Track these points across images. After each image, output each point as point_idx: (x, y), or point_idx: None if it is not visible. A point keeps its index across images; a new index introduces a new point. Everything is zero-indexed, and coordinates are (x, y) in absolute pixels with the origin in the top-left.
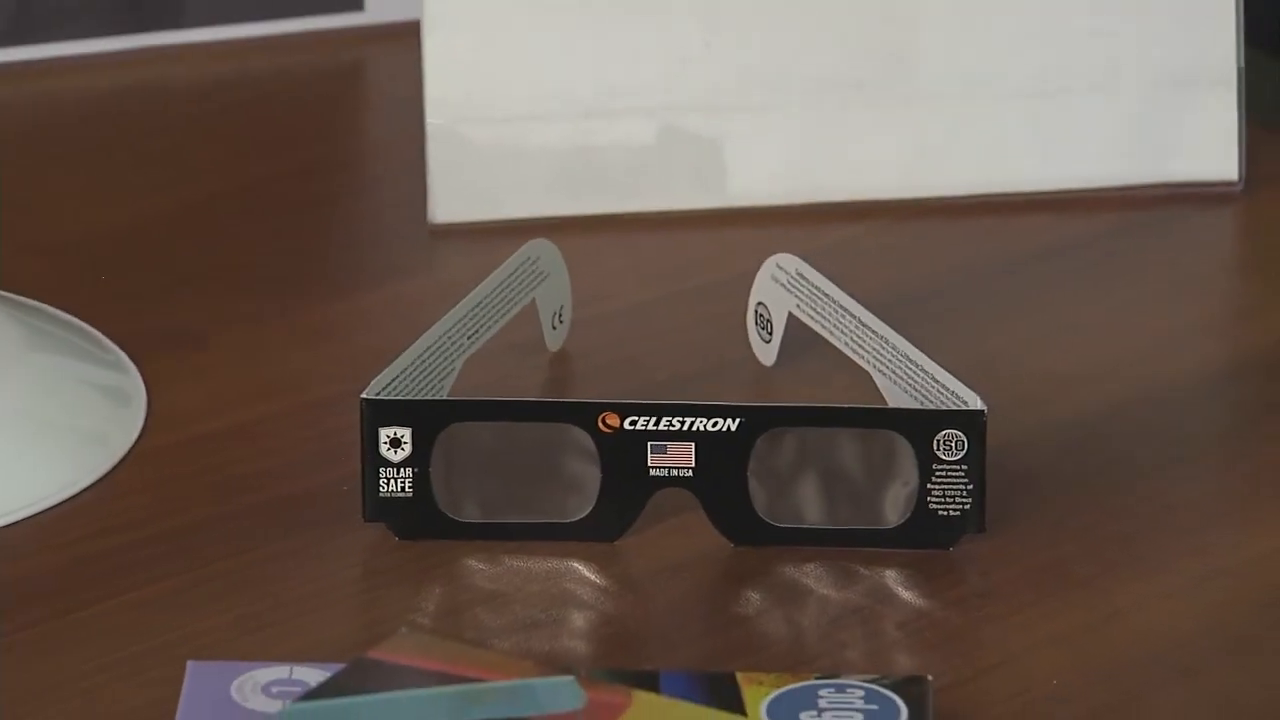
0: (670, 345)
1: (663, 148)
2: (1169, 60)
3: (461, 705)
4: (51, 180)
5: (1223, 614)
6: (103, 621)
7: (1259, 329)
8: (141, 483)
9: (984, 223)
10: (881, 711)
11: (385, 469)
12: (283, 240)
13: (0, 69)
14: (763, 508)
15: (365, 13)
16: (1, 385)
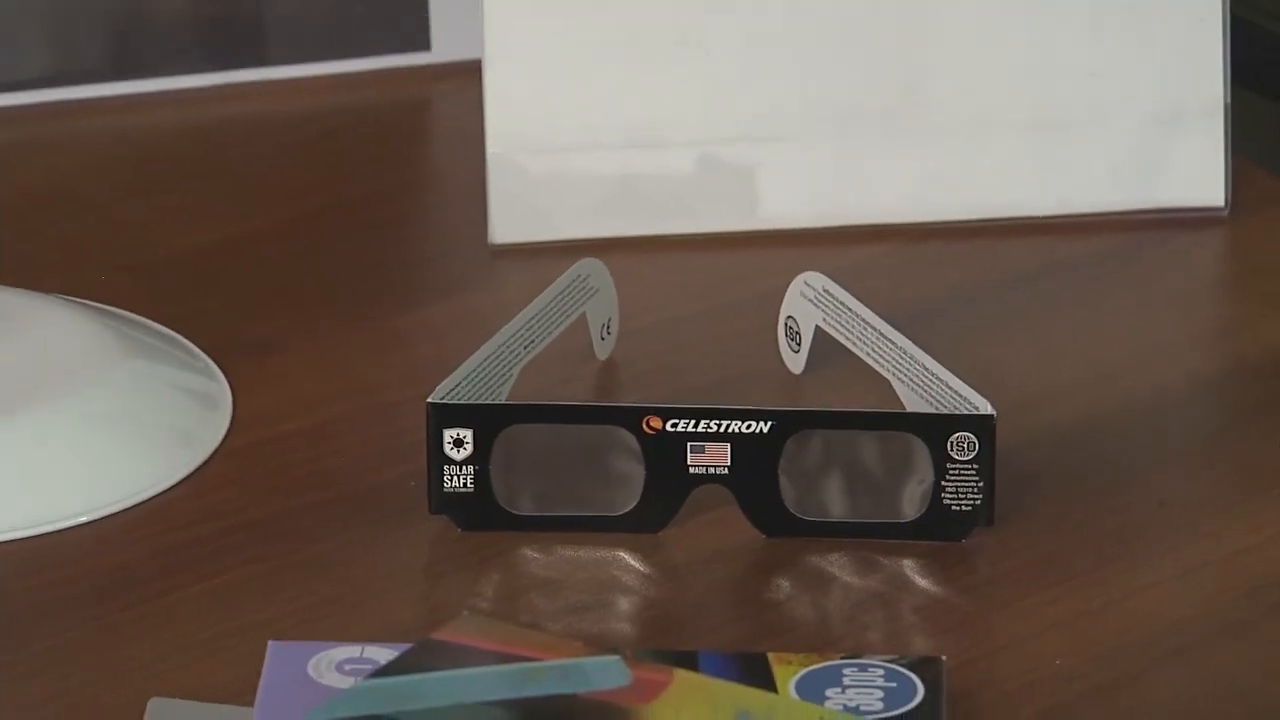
0: (708, 354)
1: (701, 175)
2: (1161, 96)
3: (517, 682)
4: (147, 204)
5: (1211, 601)
6: (192, 604)
7: (1241, 342)
8: (227, 478)
9: (991, 244)
10: (900, 689)
11: (449, 466)
12: (356, 258)
13: (102, 103)
14: (792, 503)
15: (432, 52)
16: (102, 389)
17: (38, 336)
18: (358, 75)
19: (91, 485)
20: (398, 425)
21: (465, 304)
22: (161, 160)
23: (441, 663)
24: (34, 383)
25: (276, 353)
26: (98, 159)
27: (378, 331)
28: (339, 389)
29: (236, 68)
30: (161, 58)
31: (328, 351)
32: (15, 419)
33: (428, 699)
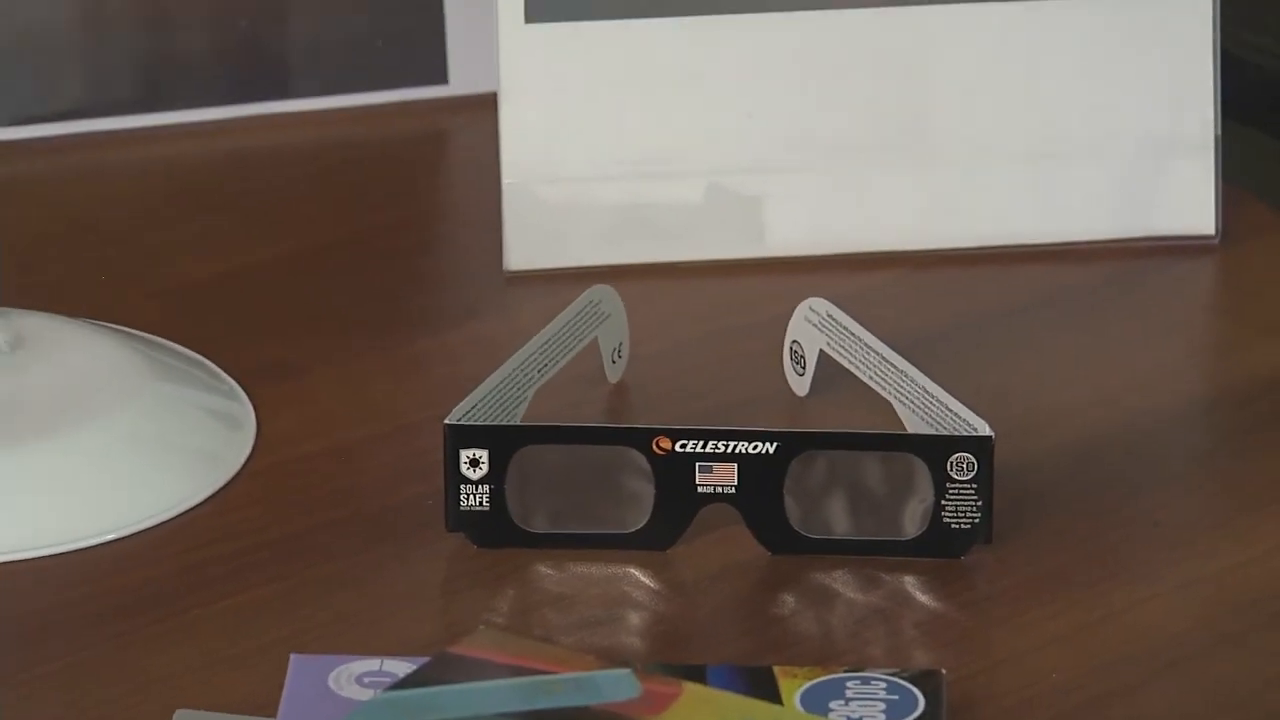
0: (715, 378)
1: (709, 205)
2: (1154, 128)
3: (531, 695)
4: (174, 232)
5: (1204, 615)
6: (217, 619)
7: (1234, 365)
8: (251, 497)
9: (990, 271)
10: (901, 702)
11: (465, 485)
12: (376, 285)
13: (131, 134)
14: (797, 521)
15: (449, 86)
16: (129, 411)
17: (68, 360)
18: (377, 107)
19: (119, 504)
20: (416, 446)
21: (481, 329)
22: (187, 189)
23: (458, 676)
24: (64, 405)
25: (298, 376)
26: (126, 188)
27: (396, 355)
28: (359, 411)
29: (259, 100)
30: (187, 91)
31: (348, 375)
32: (46, 440)
33: (445, 711)
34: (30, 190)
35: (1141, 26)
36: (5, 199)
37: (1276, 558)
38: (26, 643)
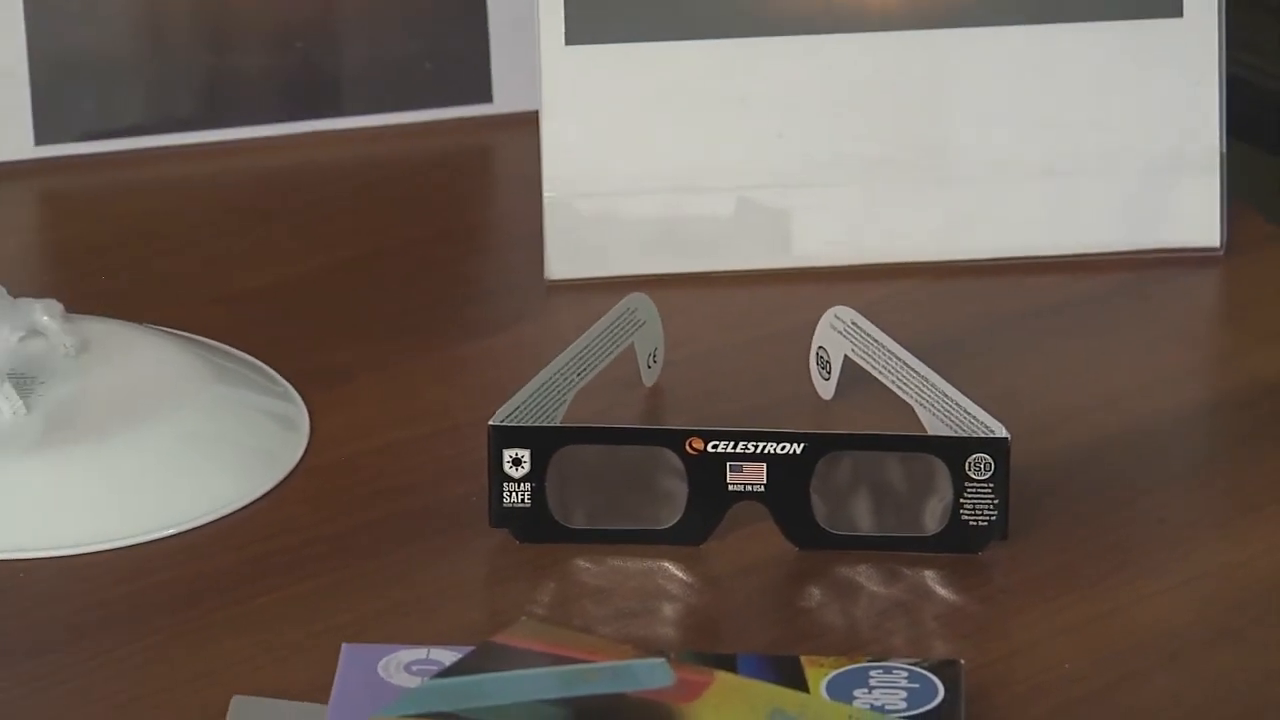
0: (745, 382)
1: (740, 218)
2: (1162, 147)
3: (570, 682)
4: (233, 242)
5: (1206, 609)
6: (273, 610)
7: (1236, 370)
8: (305, 494)
9: (1006, 281)
10: (922, 690)
11: (508, 484)
12: (424, 293)
13: (193, 149)
14: (823, 518)
15: (493, 104)
16: (190, 412)
17: (134, 364)
18: (425, 124)
19: (180, 500)
20: (462, 446)
21: (523, 335)
22: (246, 202)
23: (501, 664)
24: (130, 406)
25: (350, 379)
26: (189, 200)
27: (443, 360)
28: (408, 412)
29: (314, 118)
30: (245, 108)
31: (397, 378)
32: (113, 439)
33: (488, 698)
34: (96, 203)
35: (1151, 50)
36: (73, 211)
37: (1276, 555)
38: (94, 631)
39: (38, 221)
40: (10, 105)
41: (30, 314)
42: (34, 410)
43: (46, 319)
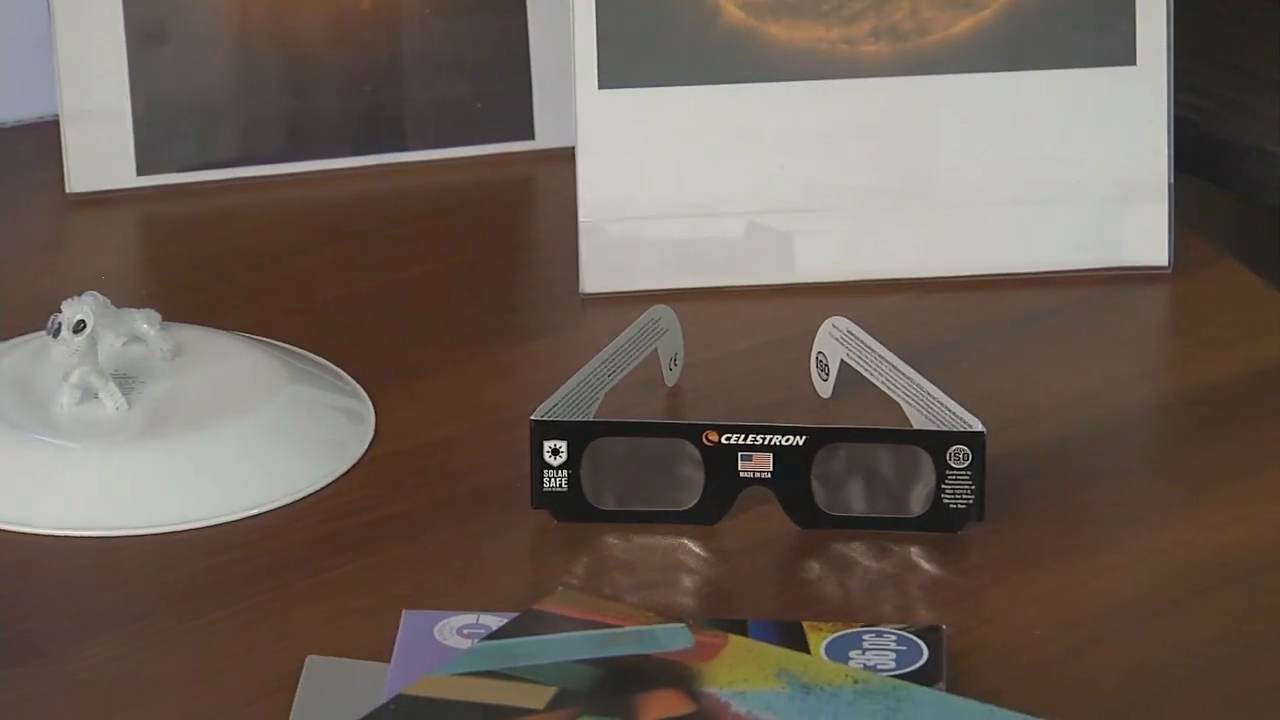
0: (755, 382)
1: (750, 239)
2: (1119, 178)
3: (601, 645)
4: (310, 260)
5: (1156, 581)
6: (341, 581)
7: (1183, 374)
8: (370, 480)
9: (981, 295)
10: (909, 652)
11: (548, 470)
12: (475, 304)
13: (275, 179)
14: (822, 501)
15: (535, 141)
16: (270, 408)
17: (223, 366)
18: (476, 158)
19: (261, 484)
20: (508, 437)
21: (561, 341)
22: (322, 225)
23: (541, 628)
24: (218, 403)
25: (410, 379)
26: (273, 223)
27: (491, 362)
28: (460, 408)
29: (381, 152)
30: (322, 143)
31: (452, 378)
32: (203, 432)
33: (530, 658)
34: (193, 225)
35: (1108, 94)
36: (169, 233)
37: (1217, 533)
38: (186, 599)
39: (139, 242)
40: (116, 141)
41: (132, 322)
42: (135, 406)
43: (146, 327)
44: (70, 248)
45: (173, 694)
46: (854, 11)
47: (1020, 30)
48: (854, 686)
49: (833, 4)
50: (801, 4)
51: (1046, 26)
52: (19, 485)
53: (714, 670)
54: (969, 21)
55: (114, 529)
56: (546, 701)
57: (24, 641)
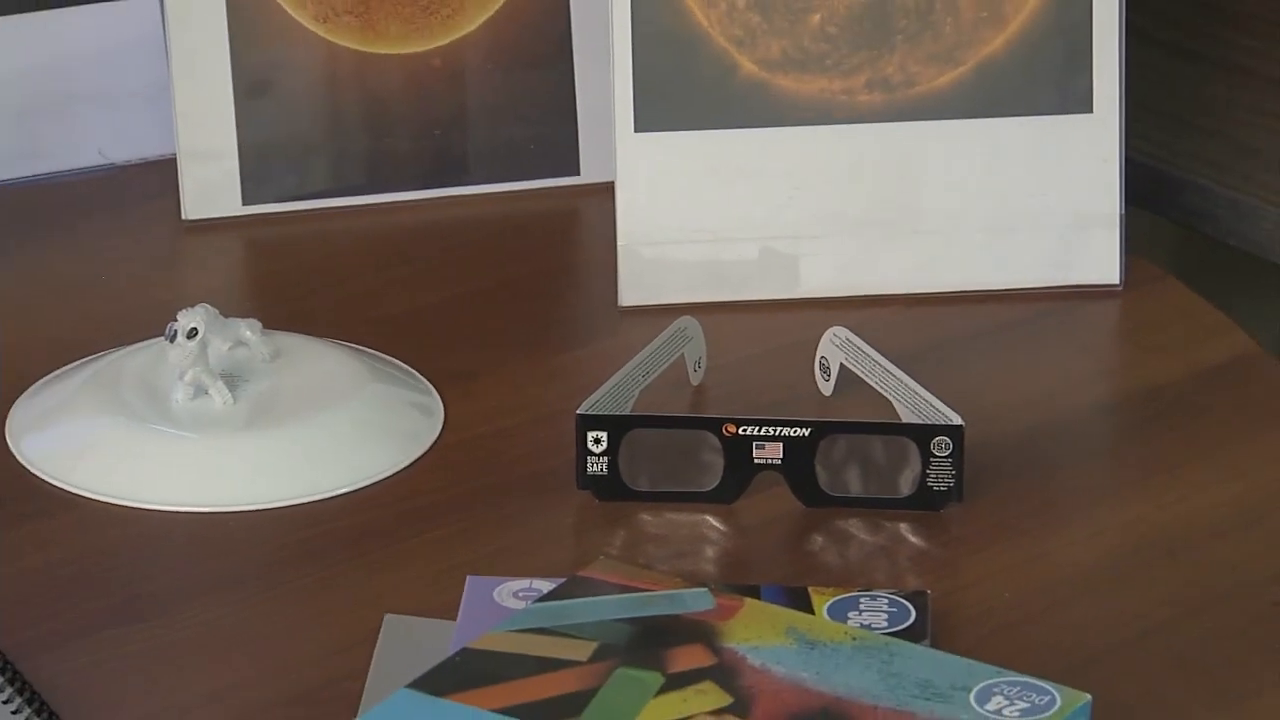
0: (767, 382)
1: (762, 260)
2: (1077, 209)
3: (636, 606)
4: (386, 277)
5: (1110, 553)
6: (415, 551)
7: (1132, 376)
8: (439, 465)
9: (959, 308)
10: (899, 613)
11: (590, 457)
12: (528, 315)
13: (358, 208)
14: (824, 484)
15: (580, 176)
16: (354, 403)
17: (314, 367)
18: (529, 191)
19: (346, 468)
20: (557, 429)
21: (601, 347)
22: (397, 247)
23: (584, 592)
24: (310, 399)
25: (474, 379)
26: (355, 246)
27: (542, 365)
28: (516, 404)
29: (447, 186)
30: (398, 178)
31: (509, 378)
32: (298, 422)
33: (575, 618)
34: (288, 247)
35: (1069, 137)
36: (269, 254)
37: (1162, 512)
38: (281, 566)
39: (243, 261)
40: (225, 176)
41: (237, 329)
42: (239, 402)
43: (249, 333)
44: (185, 266)
45: (270, 647)
46: (851, 66)
47: (993, 83)
48: (852, 643)
49: (833, 60)
50: (807, 60)
51: (1015, 80)
52: (141, 468)
53: (732, 628)
54: (949, 75)
55: (220, 506)
56: (589, 655)
57: (144, 601)
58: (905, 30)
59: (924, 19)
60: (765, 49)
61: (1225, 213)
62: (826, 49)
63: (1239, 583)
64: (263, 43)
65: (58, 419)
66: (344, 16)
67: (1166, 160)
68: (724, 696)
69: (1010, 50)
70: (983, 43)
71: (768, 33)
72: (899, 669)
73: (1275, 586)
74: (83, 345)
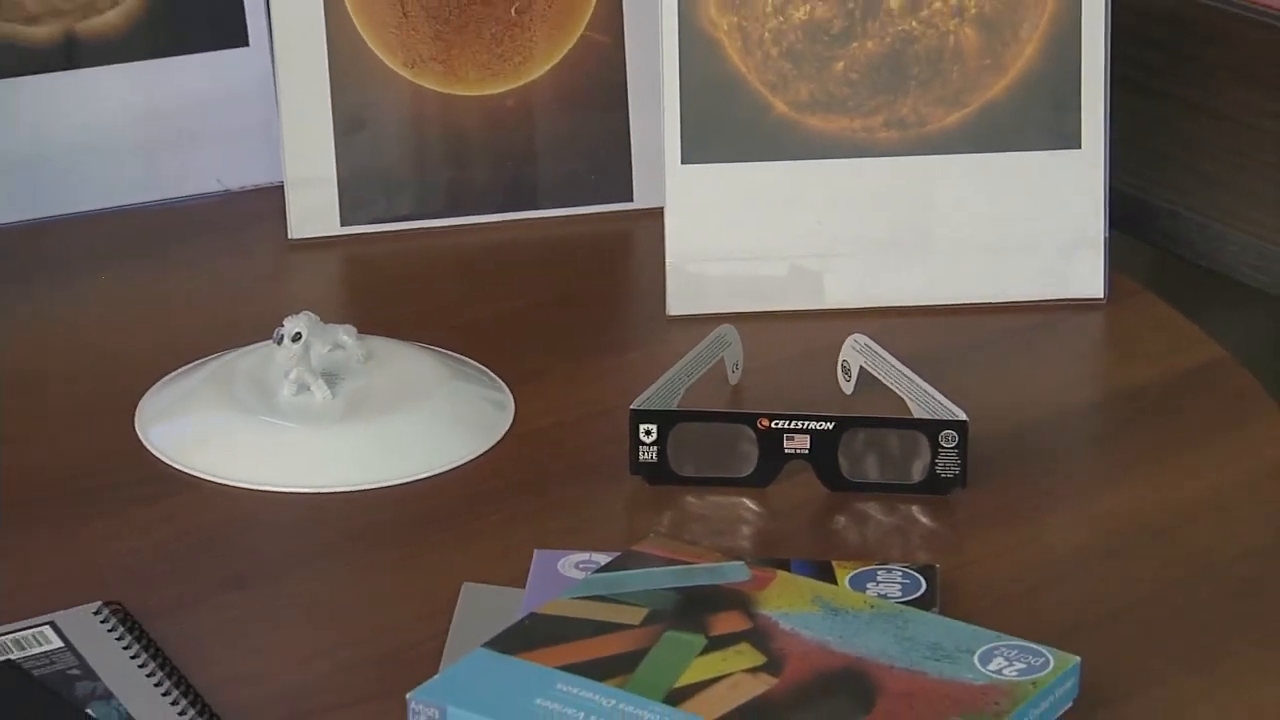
0: (796, 382)
1: (792, 276)
2: (1068, 232)
3: (681, 577)
4: (465, 289)
5: (1097, 534)
6: (490, 528)
7: (1115, 378)
8: (510, 453)
9: (965, 319)
10: (911, 584)
11: (641, 447)
12: (587, 322)
13: (440, 230)
14: (847, 471)
15: (633, 202)
16: (437, 398)
17: (401, 367)
18: (589, 215)
19: (429, 455)
20: (612, 422)
21: (652, 351)
22: (474, 263)
23: (637, 564)
24: (398, 395)
25: (540, 378)
26: (437, 261)
27: (600, 366)
28: (577, 400)
29: (518, 210)
30: (476, 203)
31: (571, 377)
32: (388, 415)
33: (629, 586)
34: (380, 263)
35: (1060, 169)
36: (366, 268)
37: (1142, 500)
38: (372, 541)
39: (341, 275)
40: (325, 200)
41: (335, 334)
42: (337, 397)
43: (346, 337)
44: (290, 279)
45: (361, 612)
46: (871, 108)
47: (994, 122)
48: (870, 610)
49: (855, 102)
50: (831, 102)
51: (1013, 120)
52: (251, 455)
53: (766, 597)
54: (956, 115)
55: (319, 488)
56: (641, 619)
57: (252, 571)
58: (918, 77)
59: (934, 67)
60: (796, 92)
61: (1196, 237)
62: (849, 93)
63: (1211, 561)
64: (359, 86)
65: (180, 411)
66: (429, 63)
67: (1145, 191)
68: (759, 656)
69: (1009, 94)
70: (985, 88)
71: (798, 78)
72: (911, 633)
73: (1243, 564)
74: (201, 348)
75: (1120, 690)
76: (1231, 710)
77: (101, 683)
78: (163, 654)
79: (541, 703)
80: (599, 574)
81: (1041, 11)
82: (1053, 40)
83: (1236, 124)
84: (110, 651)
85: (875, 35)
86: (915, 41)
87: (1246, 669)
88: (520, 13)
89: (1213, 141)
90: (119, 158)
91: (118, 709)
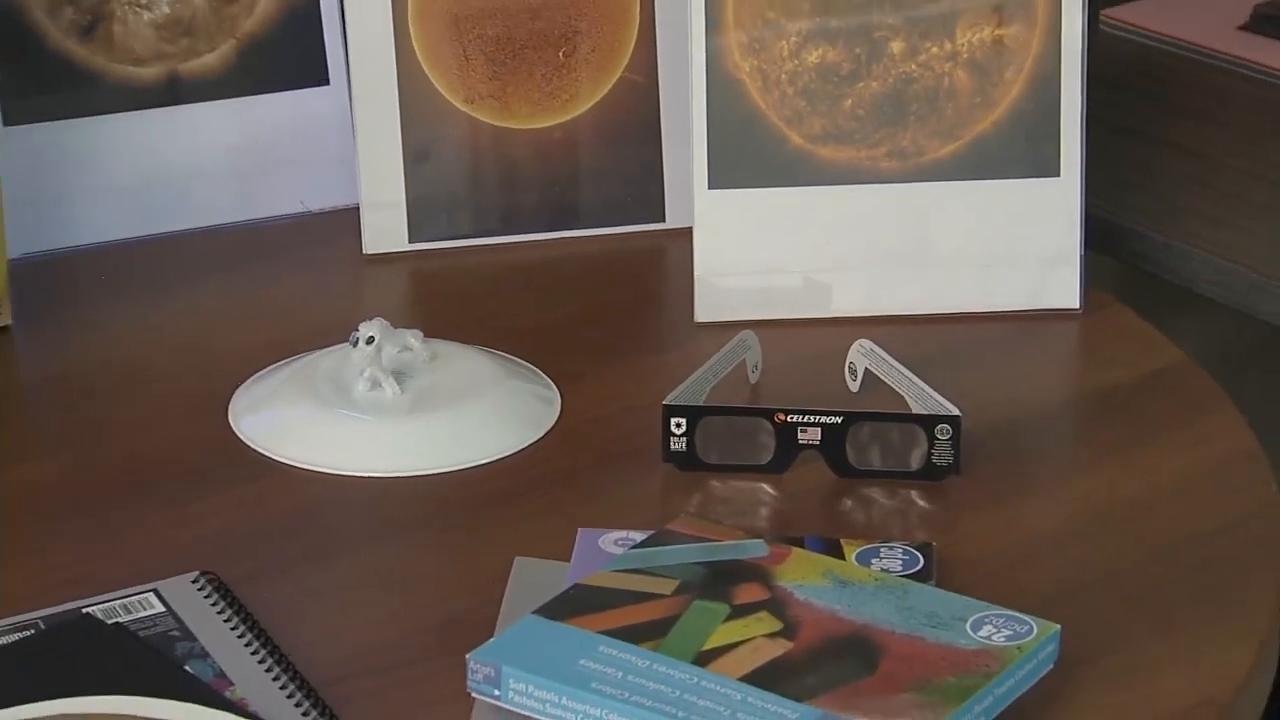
0: (809, 381)
1: (806, 288)
2: (1048, 250)
3: (708, 552)
4: (518, 299)
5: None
6: (539, 510)
7: (1089, 380)
8: (557, 444)
9: (956, 326)
10: (911, 559)
11: (672, 437)
12: (624, 328)
13: (497, 246)
14: (853, 459)
15: (666, 223)
16: (492, 395)
17: (462, 366)
18: (625, 234)
19: (485, 444)
20: (647, 416)
21: (682, 353)
22: (526, 276)
23: (670, 541)
24: (460, 391)
25: (583, 378)
26: (493, 274)
27: (636, 367)
28: (617, 397)
29: (563, 229)
30: (526, 223)
31: (611, 377)
32: (450, 410)
33: (662, 560)
34: (443, 275)
35: (1041, 195)
36: (431, 279)
37: (1113, 487)
38: (436, 520)
39: (408, 286)
40: (395, 220)
41: (403, 338)
42: (405, 393)
43: (413, 341)
44: (364, 290)
45: (425, 582)
46: (875, 140)
47: (984, 153)
48: (875, 583)
49: (862, 134)
50: (840, 134)
51: (1001, 151)
52: (330, 443)
53: (783, 570)
54: (951, 147)
55: (389, 473)
56: (672, 590)
57: (330, 545)
58: (917, 112)
59: (931, 104)
60: (810, 126)
61: (1161, 254)
62: (856, 126)
63: (1175, 540)
64: (425, 120)
65: (267, 405)
66: (487, 100)
67: (1116, 214)
68: (776, 623)
69: (997, 128)
70: (976, 122)
71: (811, 114)
72: (911, 603)
73: (1200, 542)
74: (286, 349)
75: (1095, 653)
76: (1192, 671)
77: (199, 643)
78: (252, 618)
79: (585, 663)
80: (635, 550)
81: (1026, 56)
82: (1035, 81)
83: (1196, 156)
84: (206, 616)
85: (879, 76)
86: (914, 82)
87: (1204, 635)
88: (567, 56)
89: (1176, 171)
90: (216, 183)
91: (212, 665)
